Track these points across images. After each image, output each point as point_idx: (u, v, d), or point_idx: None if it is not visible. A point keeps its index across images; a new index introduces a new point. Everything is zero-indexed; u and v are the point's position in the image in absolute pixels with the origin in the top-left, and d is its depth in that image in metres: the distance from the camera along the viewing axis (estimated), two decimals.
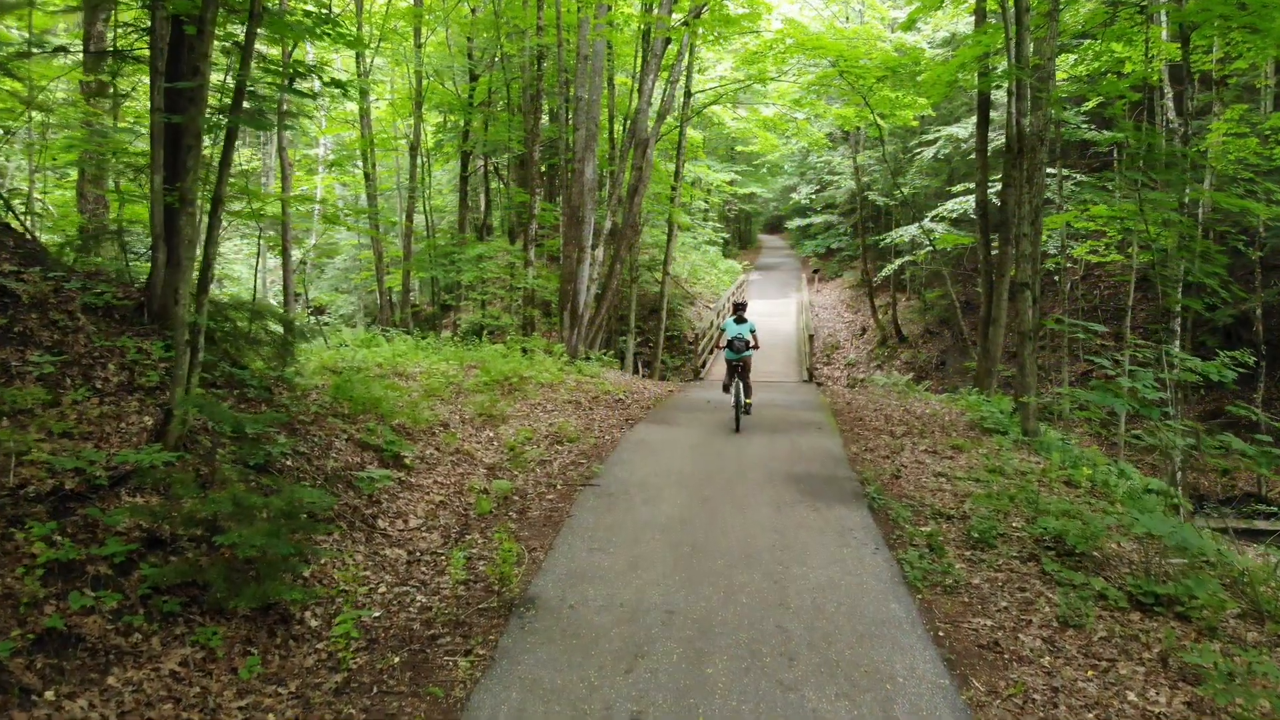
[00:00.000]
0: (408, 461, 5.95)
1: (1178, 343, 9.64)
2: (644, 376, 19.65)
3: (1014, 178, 8.53)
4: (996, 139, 14.86)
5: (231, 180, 6.51)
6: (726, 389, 8.68)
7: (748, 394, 8.62)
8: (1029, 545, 5.18)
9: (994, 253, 12.06)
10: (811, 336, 15.11)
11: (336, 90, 4.86)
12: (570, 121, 14.60)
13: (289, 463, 5.07)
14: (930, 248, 16.32)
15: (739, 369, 8.51)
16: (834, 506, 5.59)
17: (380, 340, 11.95)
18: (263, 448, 4.87)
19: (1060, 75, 13.69)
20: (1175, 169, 8.26)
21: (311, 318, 27.83)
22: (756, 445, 7.57)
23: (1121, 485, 7.21)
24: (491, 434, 7.48)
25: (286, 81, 4.35)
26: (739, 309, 8.94)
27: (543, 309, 18.65)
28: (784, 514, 5.41)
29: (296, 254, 28.35)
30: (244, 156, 27.14)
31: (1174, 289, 9.20)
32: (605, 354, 14.70)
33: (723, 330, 8.90)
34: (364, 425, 6.29)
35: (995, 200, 13.49)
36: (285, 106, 11.77)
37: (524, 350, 12.98)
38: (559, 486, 6.00)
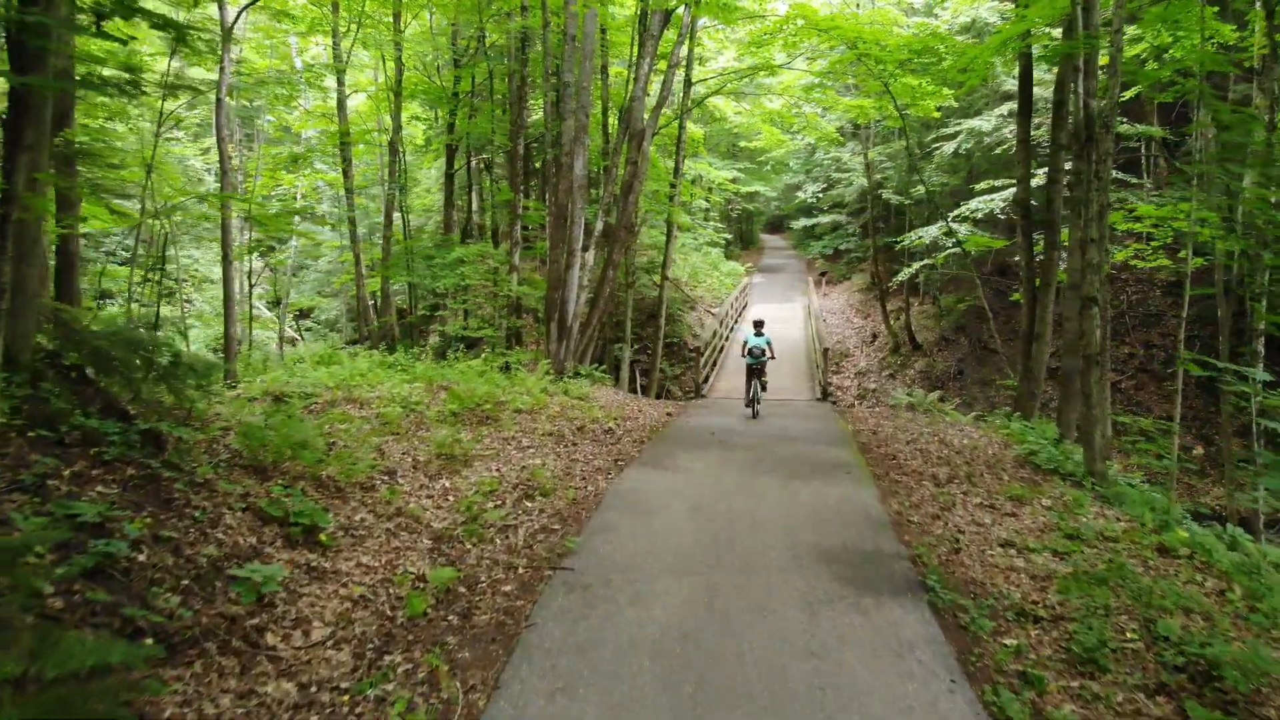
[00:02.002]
0: (324, 537, 4.58)
1: (1261, 365, 8.27)
2: (641, 387, 18.29)
3: (1081, 170, 7.17)
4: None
5: (103, 174, 5.15)
6: (747, 389, 10.76)
7: (763, 389, 10.89)
8: (1153, 667, 3.81)
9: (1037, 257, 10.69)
10: (826, 350, 13.70)
11: (176, 33, 3.46)
12: (559, 111, 13.23)
13: (142, 557, 3.70)
14: (955, 249, 14.94)
15: (758, 371, 10.72)
16: (884, 604, 4.22)
17: (341, 358, 10.57)
18: (100, 543, 3.51)
19: (1103, 60, 12.28)
20: (1274, 163, 6.90)
21: (292, 324, 26.52)
22: (775, 501, 6.19)
23: (1223, 553, 5.85)
24: (448, 484, 6.11)
25: (93, 21, 2.99)
26: (759, 325, 11.13)
27: (532, 316, 17.26)
28: (820, 620, 4.03)
29: (279, 258, 27.06)
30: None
31: (1259, 303, 7.83)
32: (597, 368, 13.31)
33: (744, 342, 10.92)
34: (276, 484, 4.93)
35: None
36: (225, 89, 10.48)
37: (505, 366, 11.61)
38: (520, 570, 4.62)
